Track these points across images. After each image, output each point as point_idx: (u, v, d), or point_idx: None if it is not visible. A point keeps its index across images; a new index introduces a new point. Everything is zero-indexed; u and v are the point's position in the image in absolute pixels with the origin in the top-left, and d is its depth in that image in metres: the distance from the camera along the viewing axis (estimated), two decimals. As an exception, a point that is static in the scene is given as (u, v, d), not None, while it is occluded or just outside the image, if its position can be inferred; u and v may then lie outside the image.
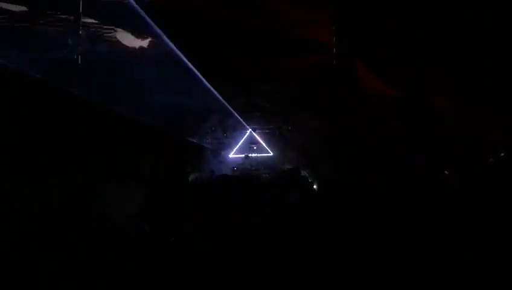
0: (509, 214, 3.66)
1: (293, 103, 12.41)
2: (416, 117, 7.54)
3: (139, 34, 7.86)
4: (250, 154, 15.16)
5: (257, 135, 15.64)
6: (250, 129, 15.49)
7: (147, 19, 6.85)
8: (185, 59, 8.39)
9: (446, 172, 7.15)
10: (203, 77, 9.45)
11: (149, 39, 7.97)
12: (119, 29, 7.60)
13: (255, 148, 15.58)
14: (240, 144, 15.49)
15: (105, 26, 7.14)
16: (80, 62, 6.59)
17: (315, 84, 9.55)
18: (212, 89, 10.28)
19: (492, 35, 5.54)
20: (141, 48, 8.24)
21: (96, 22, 6.88)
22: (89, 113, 6.43)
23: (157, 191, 4.67)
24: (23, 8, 5.84)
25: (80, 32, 6.28)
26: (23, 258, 3.00)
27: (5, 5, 5.63)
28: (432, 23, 5.83)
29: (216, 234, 3.72)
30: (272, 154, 15.44)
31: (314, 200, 3.99)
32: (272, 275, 3.34)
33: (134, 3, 6.43)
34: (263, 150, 15.54)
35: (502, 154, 7.66)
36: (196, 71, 9.03)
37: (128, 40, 7.94)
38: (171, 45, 7.81)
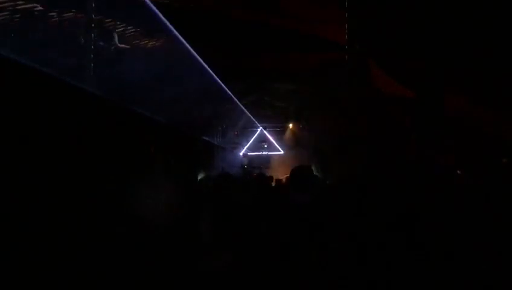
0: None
1: (304, 102, 12.38)
2: (428, 116, 7.48)
3: (150, 31, 7.88)
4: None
5: (268, 133, 15.65)
6: (261, 127, 15.49)
7: (159, 15, 6.87)
8: (197, 56, 8.40)
9: (458, 171, 7.09)
10: (215, 74, 9.46)
11: (161, 36, 7.99)
12: (130, 27, 7.64)
13: (265, 146, 15.59)
14: (250, 141, 15.51)
15: (117, 24, 7.18)
16: (93, 59, 6.64)
17: (327, 83, 9.51)
18: (224, 86, 10.29)
19: (506, 32, 5.47)
20: (153, 45, 8.27)
21: (108, 19, 6.92)
22: (104, 111, 6.46)
23: (169, 189, 4.67)
24: (36, 5, 5.88)
25: (92, 30, 6.31)
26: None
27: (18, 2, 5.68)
28: (445, 22, 5.77)
29: (225, 234, 3.72)
30: (282, 152, 15.43)
31: (325, 201, 3.97)
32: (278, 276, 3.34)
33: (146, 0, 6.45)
34: (274, 148, 15.54)
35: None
36: (208, 68, 9.03)
37: (139, 37, 7.97)
38: (184, 42, 7.82)
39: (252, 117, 14.33)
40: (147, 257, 3.30)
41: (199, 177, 7.35)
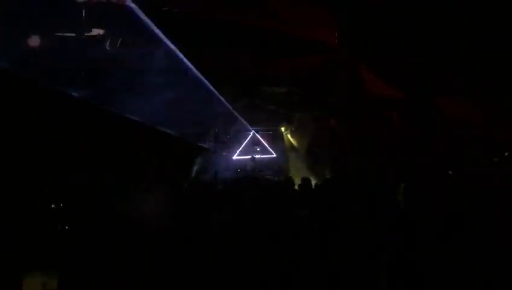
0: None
1: (296, 104, 12.39)
2: (419, 118, 7.54)
3: (138, 36, 7.84)
4: (254, 156, 15.19)
5: (260, 136, 15.68)
6: (253, 131, 15.53)
7: (147, 20, 6.85)
8: (186, 61, 8.39)
9: (450, 172, 7.14)
10: (206, 79, 9.45)
11: (149, 41, 7.95)
12: (119, 32, 7.60)
13: (258, 149, 15.61)
14: (243, 145, 15.52)
15: (107, 31, 7.14)
16: (85, 67, 6.64)
17: (318, 85, 9.54)
18: (215, 91, 10.29)
19: (495, 34, 5.54)
20: (142, 50, 8.23)
21: (99, 26, 6.89)
22: (94, 115, 6.45)
23: (162, 193, 4.67)
24: (25, 13, 5.85)
25: (84, 37, 6.31)
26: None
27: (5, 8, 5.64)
28: (435, 23, 5.84)
29: (222, 235, 3.73)
30: (275, 155, 15.47)
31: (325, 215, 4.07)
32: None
33: (133, 5, 6.43)
34: (266, 152, 15.57)
35: (506, 154, 7.64)
36: (198, 73, 9.02)
37: (127, 42, 7.91)
38: (173, 47, 7.80)
39: (244, 121, 14.35)
40: (146, 257, 3.31)
41: (194, 180, 7.34)
